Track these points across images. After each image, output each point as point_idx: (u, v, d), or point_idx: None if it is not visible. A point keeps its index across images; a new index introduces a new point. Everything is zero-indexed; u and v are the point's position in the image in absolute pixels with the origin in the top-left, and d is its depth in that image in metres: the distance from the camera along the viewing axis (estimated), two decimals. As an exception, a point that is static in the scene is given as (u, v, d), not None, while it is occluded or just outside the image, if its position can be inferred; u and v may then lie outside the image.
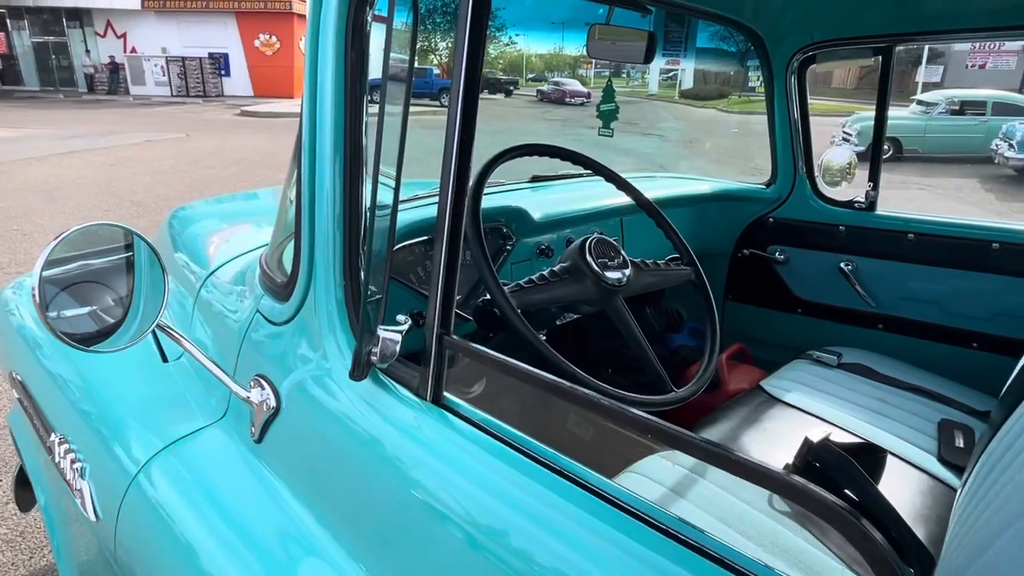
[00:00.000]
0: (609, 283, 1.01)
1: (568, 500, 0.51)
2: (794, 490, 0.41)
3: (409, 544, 0.60)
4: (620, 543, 0.48)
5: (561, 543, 0.50)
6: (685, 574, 0.44)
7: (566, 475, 0.52)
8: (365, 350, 0.64)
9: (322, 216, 0.72)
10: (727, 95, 20.30)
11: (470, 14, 0.56)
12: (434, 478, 0.59)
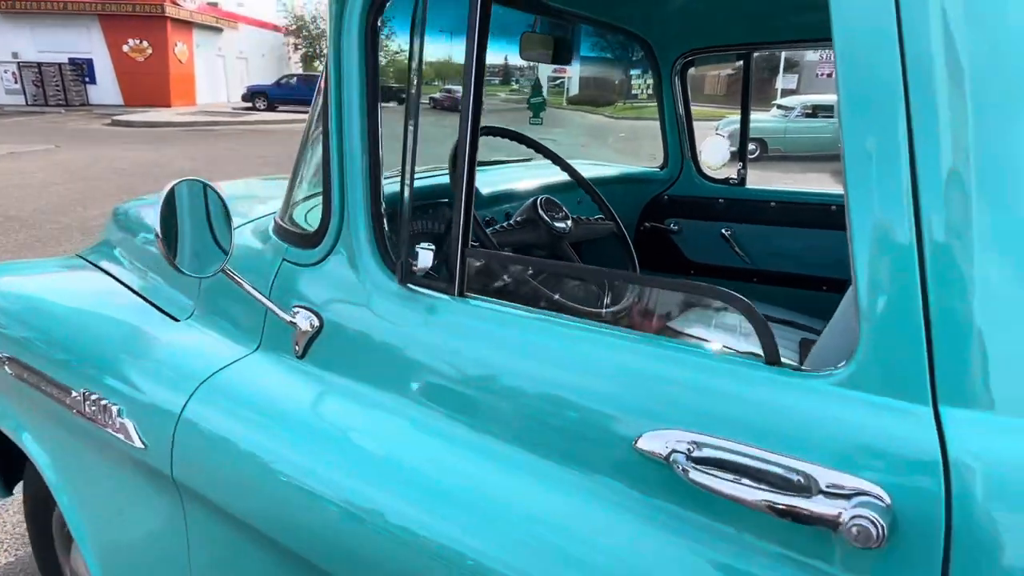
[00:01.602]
0: (557, 231, 1.30)
1: (562, 339, 0.78)
2: (705, 289, 0.71)
3: (457, 397, 0.84)
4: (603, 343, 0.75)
5: (561, 370, 0.77)
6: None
7: (560, 323, 0.80)
8: (408, 262, 0.88)
9: (354, 174, 0.95)
10: (613, 102, 21.48)
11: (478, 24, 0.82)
12: (468, 347, 0.84)
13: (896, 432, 0.56)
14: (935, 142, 0.54)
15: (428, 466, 0.82)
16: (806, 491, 0.58)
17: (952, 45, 0.54)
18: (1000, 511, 0.52)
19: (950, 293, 0.54)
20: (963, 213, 0.54)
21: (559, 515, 0.73)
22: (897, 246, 0.56)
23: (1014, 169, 0.53)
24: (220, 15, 27.09)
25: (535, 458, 0.77)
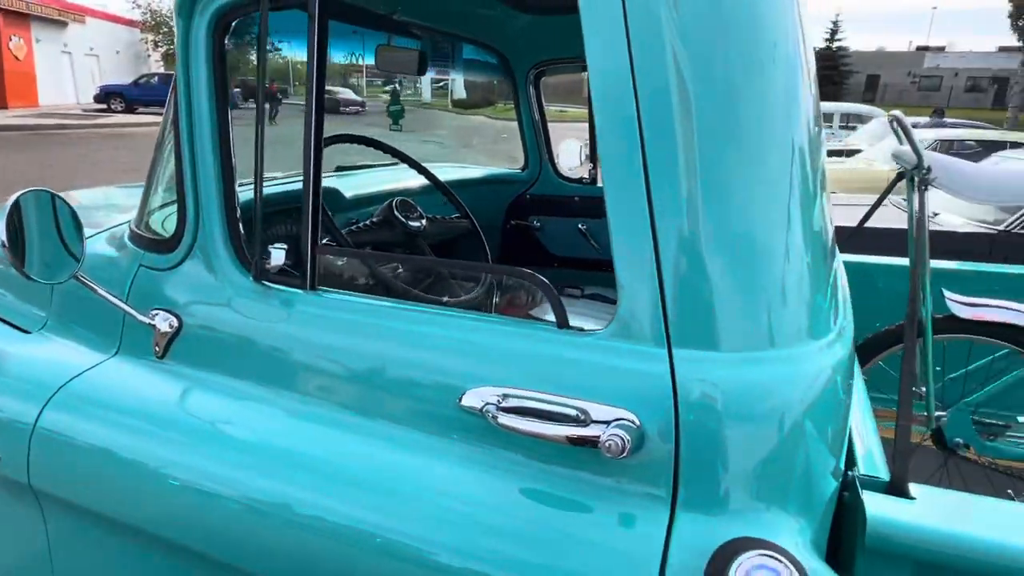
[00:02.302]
0: (412, 229, 1.42)
1: (401, 321, 0.91)
2: (515, 272, 0.86)
3: (312, 380, 0.94)
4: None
5: (401, 348, 0.89)
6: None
7: (399, 308, 0.92)
8: (262, 260, 0.97)
9: (207, 179, 1.02)
10: (494, 103, 21.94)
11: (316, 38, 0.92)
12: (320, 334, 0.94)
13: (643, 370, 0.74)
14: (661, 161, 0.72)
15: (283, 444, 0.91)
16: (583, 422, 0.74)
17: (672, 91, 0.71)
18: (711, 416, 0.72)
19: (675, 269, 0.73)
20: (683, 212, 0.72)
21: (409, 471, 0.85)
22: (639, 234, 0.73)
23: (719, 178, 0.72)
24: (63, 7, 24.55)
25: (385, 425, 0.89)
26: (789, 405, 0.74)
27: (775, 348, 0.74)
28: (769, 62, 0.75)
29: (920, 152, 1.28)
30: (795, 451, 0.74)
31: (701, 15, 0.71)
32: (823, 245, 0.82)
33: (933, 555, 0.78)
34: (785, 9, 0.77)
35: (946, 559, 0.77)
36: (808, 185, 0.78)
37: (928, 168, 1.28)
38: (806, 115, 0.79)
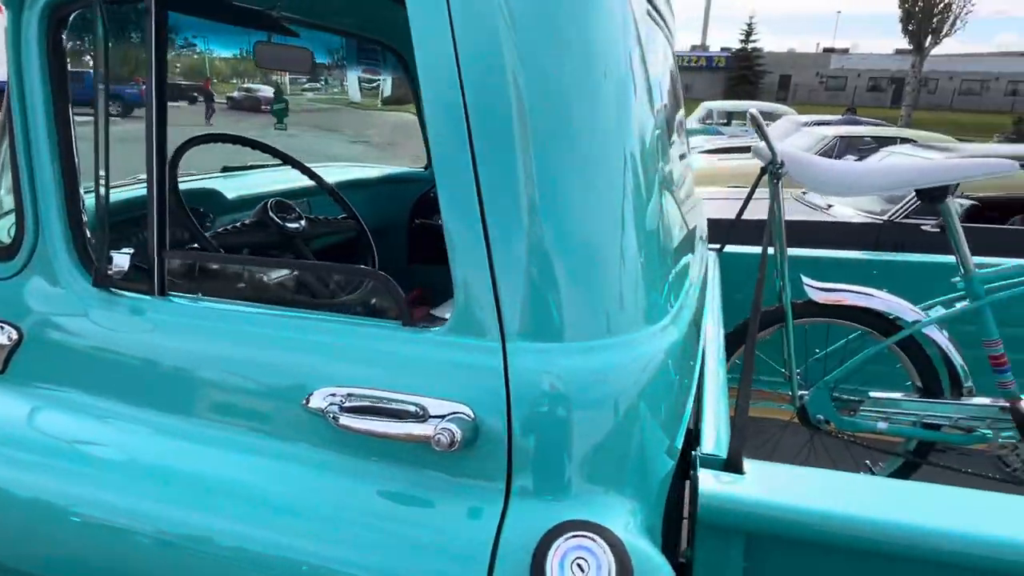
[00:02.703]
0: (288, 231, 1.39)
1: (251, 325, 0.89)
2: (357, 271, 0.86)
3: (164, 389, 0.91)
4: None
5: (250, 352, 0.87)
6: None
7: (249, 311, 0.91)
8: (104, 267, 0.93)
9: (45, 184, 0.97)
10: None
11: (154, 36, 0.88)
12: (170, 341, 0.91)
13: (478, 363, 0.76)
14: (490, 161, 0.74)
15: (131, 455, 0.88)
16: (422, 418, 0.75)
17: (500, 97, 0.73)
18: (543, 406, 0.75)
19: (507, 265, 0.75)
20: (513, 211, 0.74)
21: (258, 478, 0.84)
22: (471, 232, 0.75)
23: (547, 178, 0.74)
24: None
25: (237, 433, 0.88)
26: (621, 390, 0.77)
27: (608, 336, 0.78)
28: (599, 72, 0.78)
29: (774, 148, 1.36)
30: (628, 434, 0.78)
31: (533, 25, 0.74)
32: (659, 239, 0.87)
33: (762, 526, 0.83)
34: (618, 26, 0.80)
35: (775, 529, 0.83)
36: (641, 185, 0.82)
37: (782, 163, 1.37)
38: (642, 122, 0.83)
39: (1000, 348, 1.42)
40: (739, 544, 0.85)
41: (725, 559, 0.86)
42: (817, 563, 0.87)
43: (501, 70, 0.73)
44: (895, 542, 0.78)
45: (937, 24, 20.32)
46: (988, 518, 0.78)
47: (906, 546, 0.78)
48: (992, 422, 1.42)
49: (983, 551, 0.76)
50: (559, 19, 0.75)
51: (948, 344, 1.44)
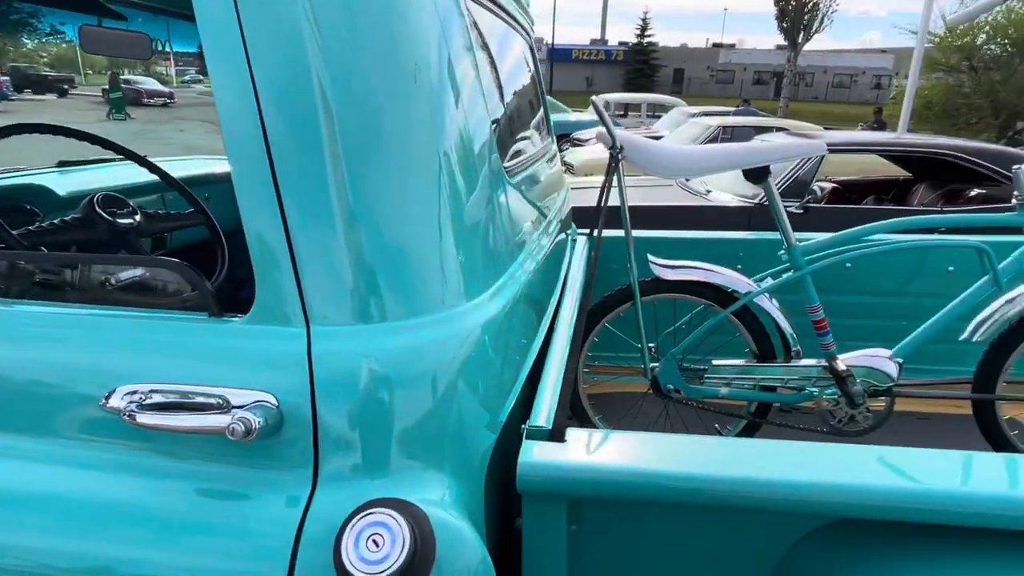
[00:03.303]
0: (120, 226, 1.30)
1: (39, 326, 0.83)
2: (159, 262, 0.82)
3: None
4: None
5: (40, 354, 0.82)
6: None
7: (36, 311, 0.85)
8: None
9: None
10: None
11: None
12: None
13: (282, 350, 0.75)
14: (284, 149, 0.73)
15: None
16: (224, 409, 0.73)
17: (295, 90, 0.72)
18: (349, 389, 0.75)
19: (309, 252, 0.74)
20: (312, 200, 0.73)
21: (61, 487, 0.79)
22: (270, 222, 0.74)
23: (345, 166, 0.74)
24: None
25: (35, 442, 0.82)
26: (431, 367, 0.79)
27: (415, 316, 0.79)
28: (408, 62, 0.78)
29: (613, 133, 1.43)
30: (441, 410, 0.79)
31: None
32: (472, 222, 0.88)
33: (582, 489, 0.88)
34: (433, 15, 0.81)
35: (594, 491, 0.88)
36: (453, 170, 0.83)
37: (621, 147, 1.44)
38: (454, 109, 0.84)
39: (821, 313, 1.57)
40: (561, 509, 0.90)
41: (551, 524, 0.90)
42: (639, 520, 0.93)
43: (301, 61, 0.72)
44: (704, 493, 0.85)
45: (808, 21, 22.00)
46: (774, 465, 0.86)
47: (713, 495, 0.85)
48: (817, 381, 1.57)
49: (780, 494, 0.84)
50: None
51: (777, 312, 1.57)
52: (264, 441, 0.74)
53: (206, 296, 0.80)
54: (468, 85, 0.93)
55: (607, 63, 45.35)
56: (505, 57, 1.39)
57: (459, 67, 0.89)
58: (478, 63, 1.04)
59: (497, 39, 1.33)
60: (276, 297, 0.76)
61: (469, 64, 0.95)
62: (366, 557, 0.65)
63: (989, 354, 1.55)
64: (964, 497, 0.80)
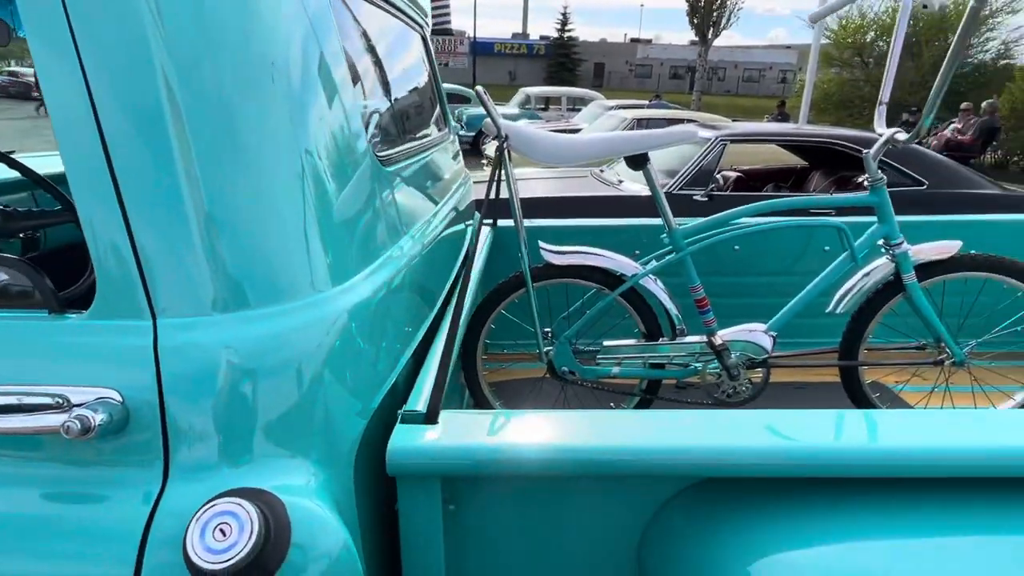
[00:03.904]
0: None
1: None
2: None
3: None
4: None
5: None
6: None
7: None
8: None
9: None
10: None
11: None
12: None
13: (126, 344, 0.73)
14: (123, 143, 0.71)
15: None
16: (64, 408, 0.71)
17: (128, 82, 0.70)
18: (200, 380, 0.74)
19: (152, 245, 0.72)
20: (153, 195, 0.72)
21: None
22: (109, 213, 0.71)
23: (191, 162, 0.73)
24: None
25: None
26: (294, 354, 0.78)
27: (275, 303, 0.78)
28: (258, 51, 0.77)
29: (498, 122, 1.45)
30: (304, 398, 0.79)
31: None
32: (337, 209, 0.88)
33: (454, 469, 0.90)
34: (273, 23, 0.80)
35: (466, 470, 0.90)
36: (307, 160, 0.83)
37: (506, 136, 1.47)
38: (306, 106, 0.84)
39: (702, 292, 1.66)
40: (436, 489, 0.91)
41: (427, 505, 0.92)
42: (514, 495, 0.96)
43: (141, 49, 0.70)
44: (571, 463, 0.89)
45: (717, 18, 22.96)
46: (634, 432, 0.92)
47: (579, 464, 0.89)
48: (700, 356, 1.66)
49: (641, 459, 0.89)
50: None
51: (662, 292, 1.65)
52: (110, 439, 0.72)
53: (44, 293, 0.76)
54: (336, 78, 0.93)
55: (529, 57, 45.67)
56: (388, 50, 1.39)
57: (324, 60, 0.89)
58: (351, 56, 1.04)
59: (379, 32, 1.33)
60: (117, 291, 0.73)
61: (337, 57, 0.95)
62: (212, 547, 0.64)
63: (851, 324, 1.69)
64: (808, 451, 0.88)
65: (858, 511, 0.88)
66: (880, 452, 0.88)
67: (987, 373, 2.02)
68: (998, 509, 0.87)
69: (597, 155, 1.51)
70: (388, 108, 1.30)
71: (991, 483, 0.89)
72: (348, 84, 0.98)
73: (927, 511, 0.87)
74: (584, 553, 0.98)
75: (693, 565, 0.89)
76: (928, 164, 4.18)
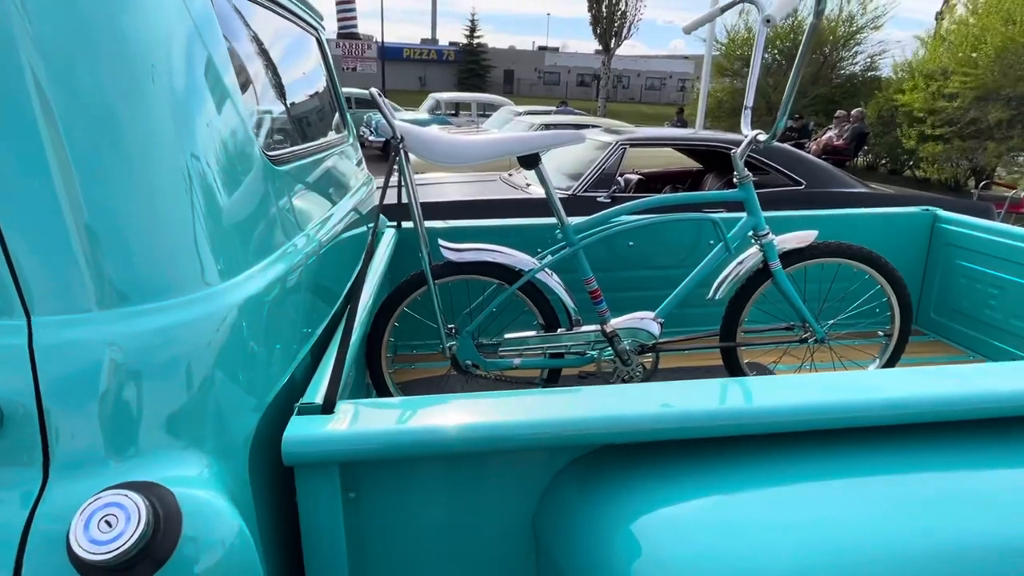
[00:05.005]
0: None
1: None
2: None
3: None
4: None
5: None
6: None
7: None
8: None
9: None
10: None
11: None
12: None
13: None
14: None
15: None
16: None
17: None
18: (82, 378, 0.73)
19: (23, 245, 0.71)
20: (22, 199, 0.71)
21: None
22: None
23: (57, 167, 0.72)
24: None
25: None
26: (180, 349, 0.79)
27: (159, 298, 0.79)
28: (134, 48, 0.78)
29: (393, 124, 1.49)
30: (192, 391, 0.80)
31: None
32: (226, 205, 0.89)
33: (348, 455, 0.93)
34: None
35: (361, 455, 0.93)
36: (191, 158, 0.84)
37: (401, 138, 1.51)
38: (188, 105, 0.85)
39: (595, 284, 1.76)
40: (334, 476, 0.94)
41: (325, 493, 0.94)
42: (411, 478, 1.00)
43: (12, 55, 0.69)
44: (460, 441, 0.94)
45: (618, 28, 23.92)
46: (521, 409, 0.98)
47: (468, 442, 0.94)
48: (595, 344, 1.77)
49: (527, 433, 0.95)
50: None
51: (558, 285, 1.74)
52: None
53: None
54: (222, 76, 0.94)
55: (439, 63, 45.59)
56: (279, 51, 1.40)
57: (210, 58, 0.90)
58: (238, 56, 1.05)
59: (269, 33, 1.34)
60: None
61: (222, 55, 0.95)
62: (97, 539, 0.65)
63: (728, 309, 1.85)
64: (686, 415, 0.98)
65: (730, 467, 0.99)
66: (747, 412, 0.99)
67: (847, 350, 2.26)
68: (845, 456, 1.01)
69: (491, 155, 1.58)
70: (281, 109, 1.31)
71: (837, 434, 1.03)
72: (235, 83, 0.99)
73: (791, 461, 1.00)
74: (484, 528, 1.03)
75: (582, 528, 0.97)
76: (806, 166, 4.57)
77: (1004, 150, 11.33)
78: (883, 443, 1.03)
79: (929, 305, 2.57)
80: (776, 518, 0.91)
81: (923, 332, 2.57)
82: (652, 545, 0.90)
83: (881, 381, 1.07)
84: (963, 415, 1.03)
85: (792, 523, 0.90)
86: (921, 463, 1.00)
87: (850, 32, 16.03)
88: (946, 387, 1.05)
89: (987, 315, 2.30)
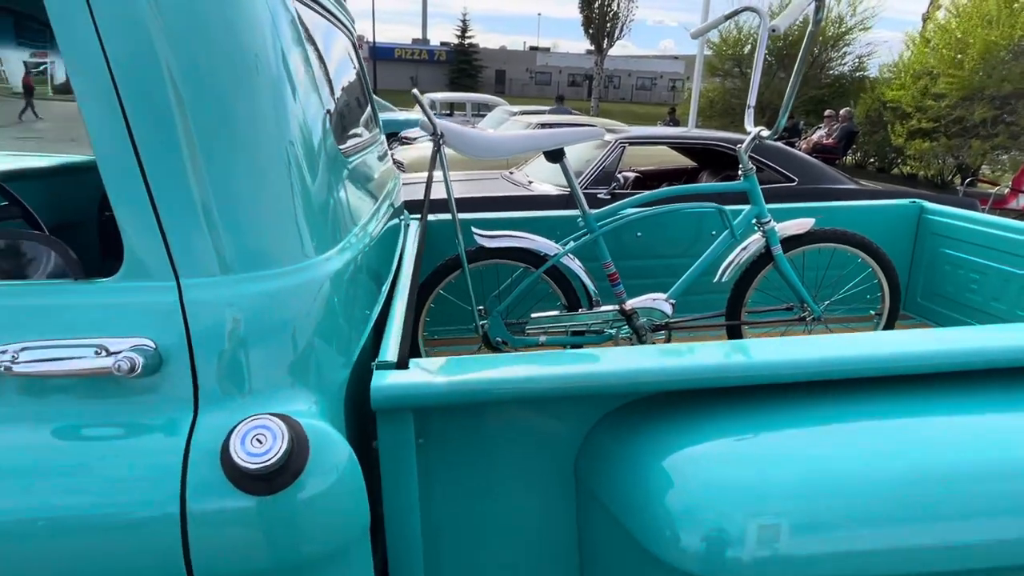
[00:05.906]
0: None
1: None
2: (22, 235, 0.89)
3: None
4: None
5: None
6: None
7: None
8: None
9: None
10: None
11: None
12: None
13: (154, 301, 0.87)
14: (145, 128, 0.84)
15: None
16: (102, 355, 0.84)
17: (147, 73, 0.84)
18: (220, 329, 0.89)
19: (174, 219, 0.86)
20: (174, 177, 0.86)
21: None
22: (135, 192, 0.85)
23: (205, 144, 0.87)
24: None
25: None
26: (289, 309, 0.95)
27: (273, 267, 0.94)
28: (251, 48, 0.93)
29: (433, 121, 1.65)
30: (300, 343, 0.96)
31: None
32: (316, 191, 1.05)
33: (423, 401, 1.09)
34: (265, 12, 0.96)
35: (433, 401, 1.10)
36: (293, 148, 0.99)
37: (442, 134, 1.66)
38: (287, 96, 1.00)
39: (613, 268, 1.93)
40: (409, 422, 1.10)
41: (402, 437, 1.10)
42: (472, 424, 1.16)
43: (151, 51, 0.84)
44: (515, 390, 1.10)
45: (610, 29, 24.17)
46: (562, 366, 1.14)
47: (522, 391, 1.10)
48: (613, 323, 1.93)
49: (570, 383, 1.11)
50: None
51: (580, 269, 1.91)
52: (146, 378, 0.85)
53: (69, 262, 0.88)
54: (305, 74, 1.09)
55: (431, 63, 45.70)
56: (330, 52, 1.55)
57: (292, 59, 1.05)
58: (308, 57, 1.20)
59: (321, 35, 1.49)
60: (144, 257, 0.87)
61: (300, 57, 1.11)
62: (252, 451, 0.80)
63: (733, 291, 2.02)
64: (700, 367, 1.14)
65: (742, 413, 1.16)
66: (757, 364, 1.16)
67: (842, 330, 2.44)
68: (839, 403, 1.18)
69: (522, 150, 1.74)
70: (338, 106, 1.46)
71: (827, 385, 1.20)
72: (316, 78, 1.14)
73: (793, 407, 1.17)
74: (528, 471, 1.20)
75: (620, 466, 1.13)
76: (798, 164, 4.77)
77: (988, 148, 11.64)
78: (868, 392, 1.20)
79: (916, 290, 2.76)
80: (780, 452, 1.08)
81: (911, 316, 2.76)
82: (680, 476, 1.06)
83: (867, 341, 1.24)
84: (935, 368, 1.21)
85: (794, 455, 1.07)
86: (900, 409, 1.18)
87: (839, 33, 16.32)
88: (923, 345, 1.22)
89: (969, 298, 2.49)
